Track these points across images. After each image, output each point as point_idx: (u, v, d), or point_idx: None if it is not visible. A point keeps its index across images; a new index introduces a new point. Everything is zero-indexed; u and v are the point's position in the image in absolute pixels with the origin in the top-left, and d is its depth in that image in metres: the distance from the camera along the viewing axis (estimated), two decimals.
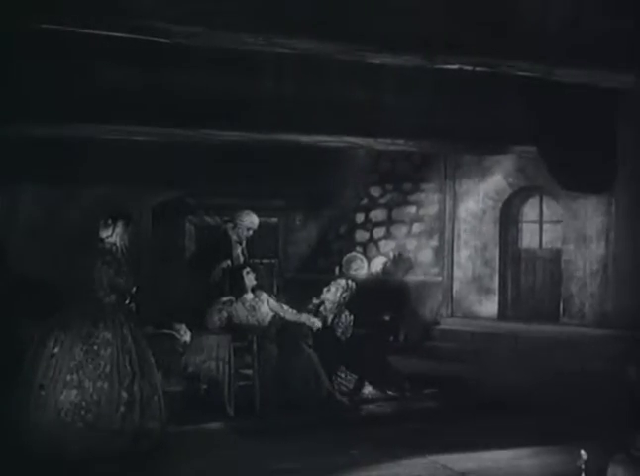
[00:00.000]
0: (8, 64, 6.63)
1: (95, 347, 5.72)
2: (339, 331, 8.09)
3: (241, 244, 8.14)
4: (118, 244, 5.98)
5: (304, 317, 7.85)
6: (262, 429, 6.72)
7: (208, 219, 10.61)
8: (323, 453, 5.98)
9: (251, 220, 8.10)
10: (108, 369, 5.68)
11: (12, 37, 6.18)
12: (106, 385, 5.65)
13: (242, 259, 8.09)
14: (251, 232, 8.14)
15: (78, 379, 5.64)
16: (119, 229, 5.98)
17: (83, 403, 5.61)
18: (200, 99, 7.28)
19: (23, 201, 9.82)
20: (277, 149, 9.28)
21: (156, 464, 5.69)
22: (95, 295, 5.88)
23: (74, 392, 5.61)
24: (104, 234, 5.97)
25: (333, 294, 8.19)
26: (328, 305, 8.13)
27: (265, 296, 7.82)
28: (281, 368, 7.45)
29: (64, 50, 6.52)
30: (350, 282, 8.36)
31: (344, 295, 8.22)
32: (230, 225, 8.17)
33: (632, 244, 9.52)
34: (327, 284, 8.36)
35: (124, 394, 5.67)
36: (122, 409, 5.65)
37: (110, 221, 5.97)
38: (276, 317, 7.71)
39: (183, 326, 7.65)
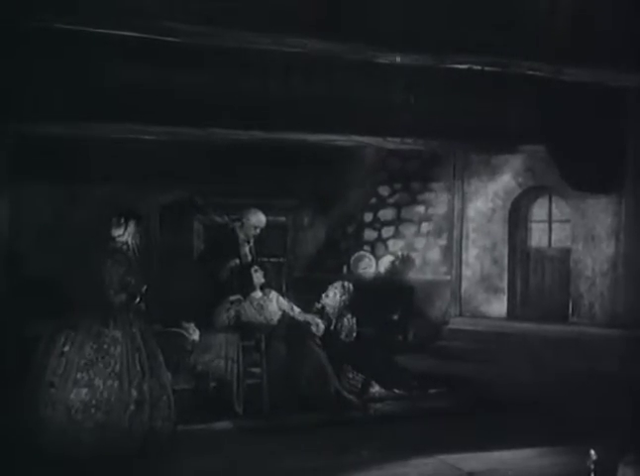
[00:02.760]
0: (18, 63, 6.65)
1: (105, 346, 5.73)
2: (342, 334, 8.07)
3: (249, 242, 8.14)
4: (129, 243, 5.98)
5: (310, 318, 7.84)
6: (270, 428, 6.72)
7: (216, 218, 10.61)
8: (332, 452, 5.98)
9: (258, 219, 8.10)
10: (118, 368, 5.69)
11: (22, 35, 6.19)
12: (116, 384, 5.66)
13: (250, 257, 8.09)
14: (258, 231, 8.14)
15: (88, 377, 5.65)
16: (131, 228, 5.98)
17: (93, 401, 5.62)
18: (209, 98, 7.29)
19: (31, 201, 9.83)
20: (286, 148, 9.28)
21: (164, 462, 5.70)
22: (105, 293, 5.89)
23: (84, 390, 5.62)
24: (116, 233, 5.96)
25: (332, 298, 8.15)
26: (329, 310, 8.11)
27: (274, 294, 7.83)
28: (290, 367, 7.45)
29: (73, 49, 6.53)
30: (347, 284, 8.29)
31: (343, 298, 8.18)
32: (238, 224, 8.18)
33: None
34: (332, 283, 8.31)
35: (134, 393, 5.68)
36: (132, 408, 5.66)
37: (122, 220, 5.96)
38: (285, 316, 7.72)
39: (192, 325, 7.65)
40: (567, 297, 10.37)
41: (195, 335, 7.27)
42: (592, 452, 4.43)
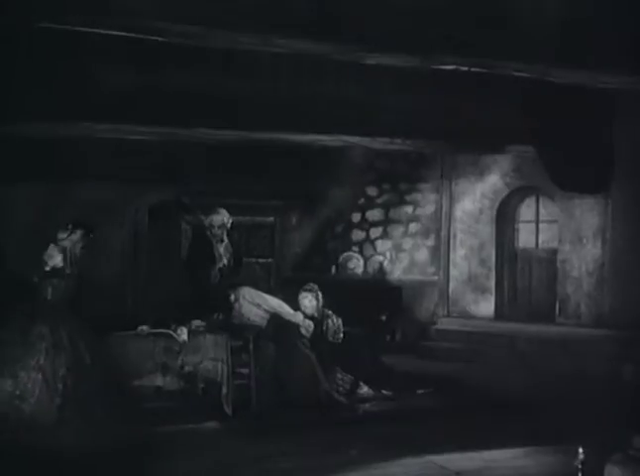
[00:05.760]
0: (4, 63, 6.62)
1: (31, 340, 5.95)
2: (329, 336, 8.06)
3: (223, 241, 8.13)
4: (68, 248, 6.34)
5: (299, 317, 7.82)
6: (259, 429, 6.72)
7: (203, 219, 10.62)
8: (321, 452, 5.99)
9: (221, 218, 8.08)
10: (42, 361, 5.89)
11: (8, 35, 6.17)
12: (40, 376, 5.81)
13: (227, 257, 8.10)
14: (222, 229, 8.11)
15: (14, 370, 5.81)
16: (75, 236, 6.39)
17: (17, 392, 5.71)
18: (197, 99, 7.27)
19: (17, 201, 9.80)
20: (274, 148, 9.28)
21: (152, 463, 5.69)
22: (35, 290, 6.18)
23: (9, 382, 5.75)
24: (60, 236, 6.39)
25: (310, 306, 8.04)
26: (315, 315, 8.06)
27: (244, 290, 7.74)
28: (278, 367, 7.45)
29: (61, 48, 6.50)
30: (312, 285, 8.16)
31: (319, 300, 8.10)
32: (206, 224, 8.19)
33: (628, 244, 9.55)
34: (300, 294, 8.16)
35: (59, 386, 5.80)
36: (58, 401, 5.77)
37: (70, 226, 6.40)
38: (274, 317, 7.72)
39: (181, 326, 7.64)
40: (554, 298, 10.42)
41: (184, 336, 7.25)
42: (580, 451, 4.45)
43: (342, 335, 8.11)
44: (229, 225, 8.16)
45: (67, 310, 6.27)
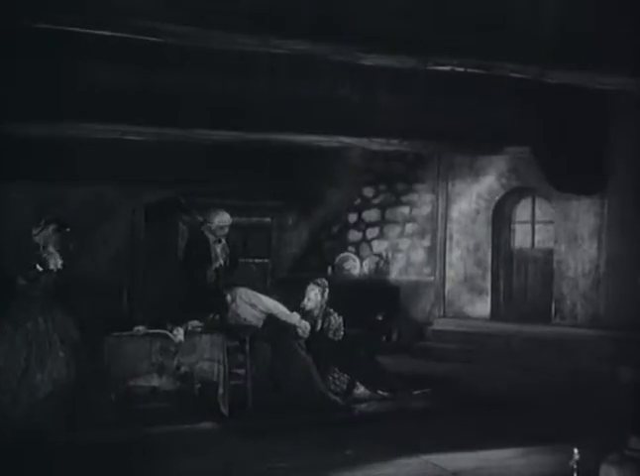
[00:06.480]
0: (1, 63, 6.62)
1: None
2: (329, 334, 8.07)
3: (220, 242, 8.14)
4: (41, 244, 6.64)
5: (296, 318, 7.82)
6: (255, 429, 6.73)
7: (200, 219, 10.63)
8: (316, 453, 5.99)
9: (221, 219, 8.07)
10: (1, 363, 6.19)
11: (4, 36, 6.16)
12: None
13: (223, 257, 8.10)
14: (226, 230, 8.12)
15: None
16: (46, 232, 6.68)
17: None
18: (194, 99, 7.28)
19: (13, 200, 9.80)
20: (271, 149, 9.29)
21: (149, 463, 5.70)
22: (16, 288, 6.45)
23: None
24: (33, 231, 6.71)
25: (314, 300, 8.07)
26: (315, 312, 8.08)
27: (240, 291, 7.75)
28: (275, 368, 7.46)
29: (58, 49, 6.50)
30: (321, 280, 8.24)
31: (324, 295, 8.14)
32: (205, 225, 8.19)
33: (624, 245, 9.56)
34: (308, 286, 8.21)
35: (14, 383, 6.10)
36: (8, 397, 6.05)
37: (43, 222, 6.71)
38: (271, 317, 7.72)
39: (177, 326, 7.64)
40: (549, 298, 10.44)
41: (180, 336, 7.25)
42: (576, 451, 4.46)
43: (342, 333, 8.13)
44: (228, 226, 8.16)
45: (43, 304, 6.46)
